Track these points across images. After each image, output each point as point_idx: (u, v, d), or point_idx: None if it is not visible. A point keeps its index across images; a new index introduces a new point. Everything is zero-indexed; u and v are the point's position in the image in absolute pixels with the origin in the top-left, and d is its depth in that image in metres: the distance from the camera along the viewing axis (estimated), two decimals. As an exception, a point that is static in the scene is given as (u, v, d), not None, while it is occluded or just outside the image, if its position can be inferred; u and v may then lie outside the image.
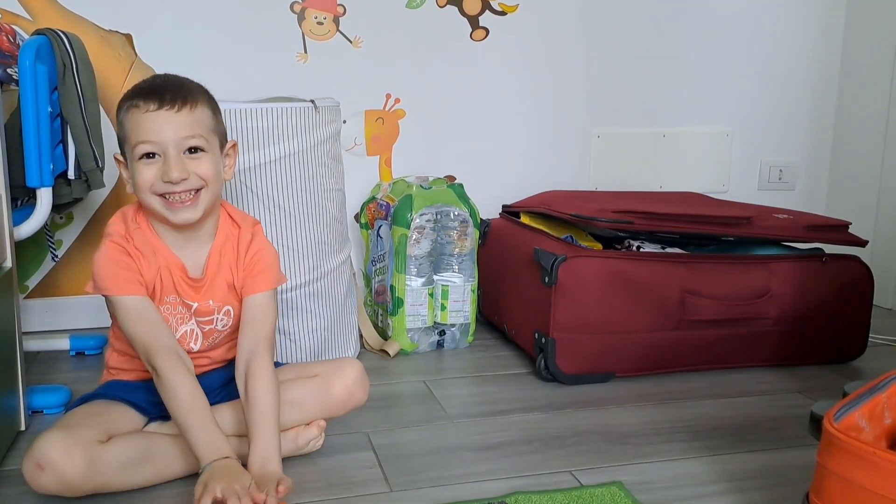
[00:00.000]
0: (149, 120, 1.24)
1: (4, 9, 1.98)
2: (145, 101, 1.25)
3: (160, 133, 1.25)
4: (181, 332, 1.36)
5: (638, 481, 1.30)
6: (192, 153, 1.27)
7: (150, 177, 1.26)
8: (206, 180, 1.28)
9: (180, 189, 1.26)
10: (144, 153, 1.26)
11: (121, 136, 1.31)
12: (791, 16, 2.59)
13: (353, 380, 1.41)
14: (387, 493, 1.28)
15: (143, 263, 1.31)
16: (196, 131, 1.27)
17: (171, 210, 1.28)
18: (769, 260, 1.88)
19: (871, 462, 0.88)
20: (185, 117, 1.26)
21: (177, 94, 1.27)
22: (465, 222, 1.99)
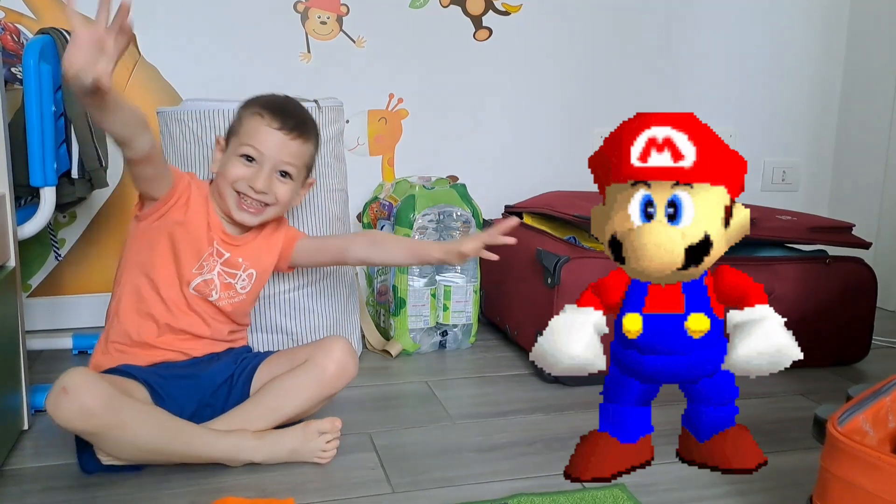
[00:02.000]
0: (265, 133, 1.41)
1: (9, 8, 1.99)
2: (272, 116, 1.42)
3: (269, 149, 1.41)
4: (206, 277, 1.44)
5: (640, 483, 1.30)
6: (282, 176, 1.44)
7: (239, 174, 1.41)
8: (279, 201, 1.44)
9: (256, 197, 1.42)
10: (246, 155, 1.41)
11: (234, 128, 1.47)
12: (795, 16, 2.59)
13: (341, 354, 1.45)
14: (389, 493, 1.28)
15: (193, 196, 1.44)
16: (295, 161, 1.44)
17: (238, 208, 1.43)
18: (772, 262, 1.88)
19: (875, 466, 0.88)
20: (293, 147, 1.44)
21: (298, 125, 1.44)
22: (468, 223, 1.99)
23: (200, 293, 1.44)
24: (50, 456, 1.39)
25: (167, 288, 1.42)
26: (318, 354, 1.45)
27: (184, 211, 1.42)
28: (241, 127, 1.44)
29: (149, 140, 1.27)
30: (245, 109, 1.46)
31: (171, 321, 1.43)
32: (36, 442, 1.45)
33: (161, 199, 1.40)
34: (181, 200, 1.42)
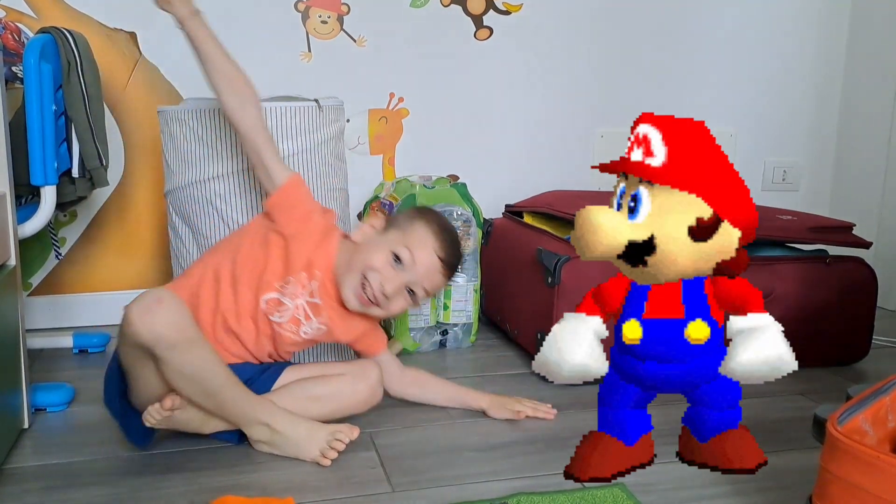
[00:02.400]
0: (428, 253, 1.46)
1: (9, 7, 1.99)
2: (442, 244, 1.47)
3: (421, 267, 1.45)
4: (283, 300, 1.46)
5: (640, 483, 1.30)
6: (409, 293, 1.47)
7: (380, 266, 1.43)
8: (389, 311, 1.47)
9: (377, 295, 1.43)
10: (399, 258, 1.44)
11: (402, 224, 1.50)
12: (795, 16, 2.59)
13: (376, 381, 1.49)
14: (389, 493, 1.28)
15: (314, 230, 1.48)
16: (430, 291, 1.50)
17: (353, 290, 1.44)
18: (772, 261, 1.87)
19: (874, 466, 0.87)
20: (438, 280, 1.49)
21: (454, 266, 1.51)
22: (468, 222, 1.99)
23: (268, 309, 1.45)
24: (50, 455, 1.39)
25: (244, 284, 1.45)
26: (356, 374, 1.48)
27: (300, 226, 1.46)
28: (410, 228, 1.47)
29: (245, 114, 1.45)
30: (422, 218, 1.50)
31: (229, 318, 1.44)
32: (36, 441, 1.45)
33: (278, 204, 1.47)
34: (294, 215, 1.46)
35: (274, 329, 1.46)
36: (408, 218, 1.51)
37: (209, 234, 1.72)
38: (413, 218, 1.50)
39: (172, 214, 1.79)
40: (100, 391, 1.69)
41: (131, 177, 2.14)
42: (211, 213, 1.70)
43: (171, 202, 1.79)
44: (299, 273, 1.45)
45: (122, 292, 2.16)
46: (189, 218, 1.74)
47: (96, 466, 1.36)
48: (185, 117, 1.69)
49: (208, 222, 1.71)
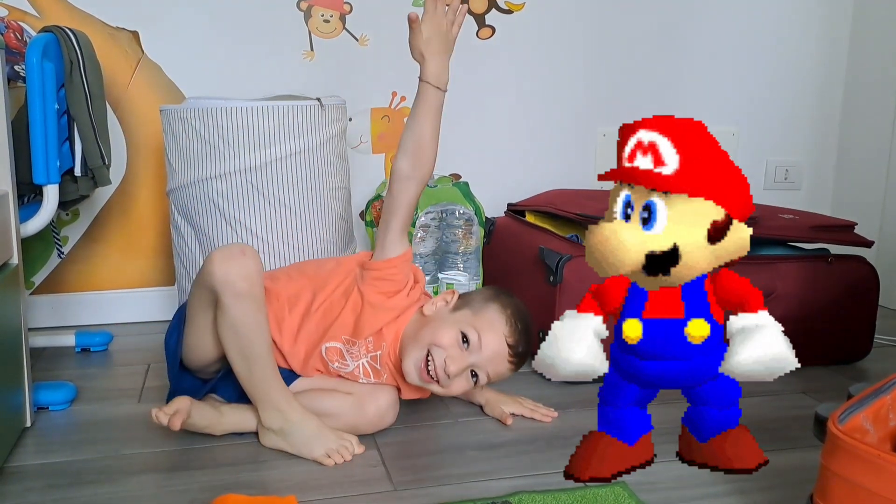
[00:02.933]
0: (497, 339, 1.40)
1: (12, 6, 1.99)
2: (513, 332, 1.41)
3: (488, 351, 1.39)
4: (346, 355, 1.47)
5: (642, 481, 1.30)
6: (473, 376, 1.41)
7: (447, 342, 1.38)
8: (450, 390, 1.41)
9: (439, 372, 1.37)
10: (467, 338, 1.39)
11: (475, 304, 1.44)
12: (797, 15, 2.59)
13: (385, 405, 1.47)
14: (391, 491, 1.28)
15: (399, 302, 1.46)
16: (493, 377, 1.43)
17: (414, 366, 1.39)
18: (774, 260, 1.87)
19: (875, 464, 0.87)
20: (505, 365, 1.42)
21: (523, 355, 1.43)
22: (470, 221, 1.99)
23: (328, 356, 1.46)
24: (52, 453, 1.40)
25: (313, 322, 1.46)
26: (366, 397, 1.47)
27: (383, 300, 1.44)
28: (483, 310, 1.42)
29: (407, 184, 1.44)
30: (497, 300, 1.44)
31: (285, 338, 1.46)
32: (38, 439, 1.45)
33: (376, 272, 1.44)
34: (388, 289, 1.44)
35: (329, 369, 1.48)
36: (482, 299, 1.46)
37: (211, 233, 1.72)
38: (488, 300, 1.45)
39: (175, 213, 1.79)
40: (102, 390, 1.70)
41: (134, 176, 2.15)
42: (213, 212, 1.71)
43: (173, 201, 1.79)
44: (367, 338, 1.45)
45: (124, 291, 2.17)
46: (191, 217, 1.74)
47: (98, 465, 1.36)
48: (187, 116, 1.70)
49: (210, 221, 1.71)
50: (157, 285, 2.20)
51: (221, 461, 1.37)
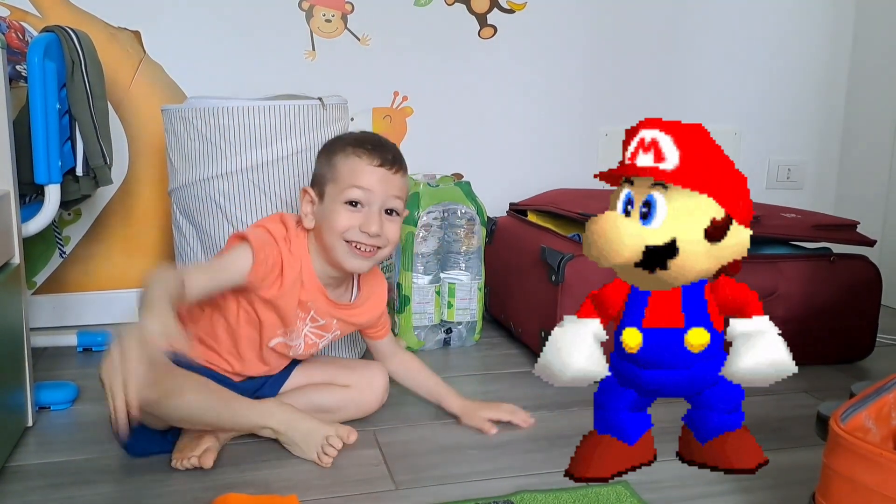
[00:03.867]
0: (368, 173, 1.35)
1: (14, 6, 1.99)
2: (370, 155, 1.36)
3: (374, 187, 1.35)
4: (290, 340, 1.44)
5: (644, 481, 1.30)
6: (389, 214, 1.38)
7: (348, 223, 1.35)
8: (390, 241, 1.39)
9: (370, 242, 1.36)
10: (352, 200, 1.35)
11: (326, 175, 1.39)
12: (800, 13, 2.58)
13: (382, 390, 1.54)
14: (392, 490, 1.28)
15: (288, 265, 1.37)
16: (400, 195, 1.39)
17: (352, 256, 1.37)
18: (777, 259, 1.87)
19: (877, 463, 0.87)
20: (397, 180, 1.39)
21: (397, 158, 1.39)
22: (472, 220, 1.99)
23: (279, 350, 1.45)
24: (54, 453, 1.40)
25: (245, 344, 1.43)
26: (363, 387, 1.52)
27: (276, 287, 1.36)
28: (336, 171, 1.37)
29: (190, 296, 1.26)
30: (335, 153, 1.39)
31: (236, 365, 1.44)
32: (40, 439, 1.45)
33: (249, 281, 1.34)
34: (271, 278, 1.36)
35: (291, 353, 1.47)
36: (326, 163, 1.40)
37: (213, 233, 1.72)
38: (329, 158, 1.40)
39: (176, 213, 1.79)
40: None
41: (135, 175, 2.15)
42: (215, 212, 1.71)
43: (175, 201, 1.79)
44: (296, 318, 1.41)
45: (126, 291, 2.17)
46: (193, 216, 1.74)
47: (100, 464, 1.36)
48: (188, 116, 1.69)
49: (212, 221, 1.71)
50: (159, 285, 2.20)
51: (223, 461, 1.36)
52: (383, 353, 1.58)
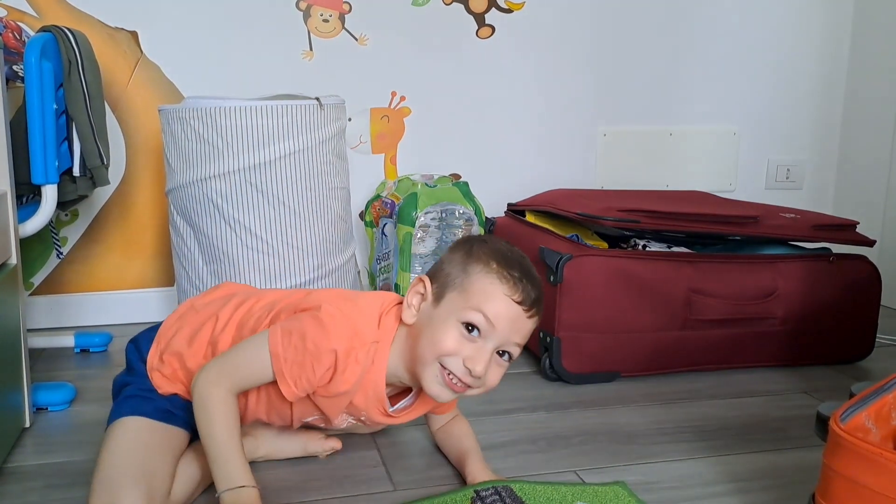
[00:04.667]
0: (503, 304, 1.11)
1: (10, 6, 1.99)
2: (514, 286, 1.11)
3: (503, 328, 1.11)
4: (341, 418, 1.26)
5: (643, 481, 1.30)
6: (501, 356, 1.15)
7: (455, 348, 1.11)
8: (486, 387, 1.16)
9: (466, 380, 1.13)
10: (473, 324, 1.11)
11: (454, 279, 1.14)
12: (799, 13, 2.58)
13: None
14: (391, 491, 1.28)
15: (346, 375, 1.15)
16: (523, 342, 1.15)
17: (440, 384, 1.14)
18: (776, 259, 1.87)
19: (877, 463, 0.87)
20: (528, 325, 1.14)
21: (538, 301, 1.14)
22: (471, 221, 1.98)
23: (308, 424, 1.30)
24: (51, 454, 1.39)
25: (273, 414, 1.26)
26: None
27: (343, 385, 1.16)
28: (467, 282, 1.13)
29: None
30: (474, 260, 1.14)
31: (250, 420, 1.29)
32: (37, 440, 1.45)
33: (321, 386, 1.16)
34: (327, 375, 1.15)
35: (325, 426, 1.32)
36: (460, 267, 1.15)
37: (210, 233, 1.72)
38: (466, 263, 1.14)
39: (174, 213, 1.79)
40: (101, 391, 1.69)
41: (132, 176, 2.14)
42: (212, 212, 1.70)
43: (172, 201, 1.79)
44: (339, 416, 1.25)
45: (123, 292, 2.17)
46: (190, 217, 1.74)
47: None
48: (186, 116, 1.69)
49: (209, 221, 1.71)
50: (157, 286, 2.20)
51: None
52: (437, 425, 1.39)
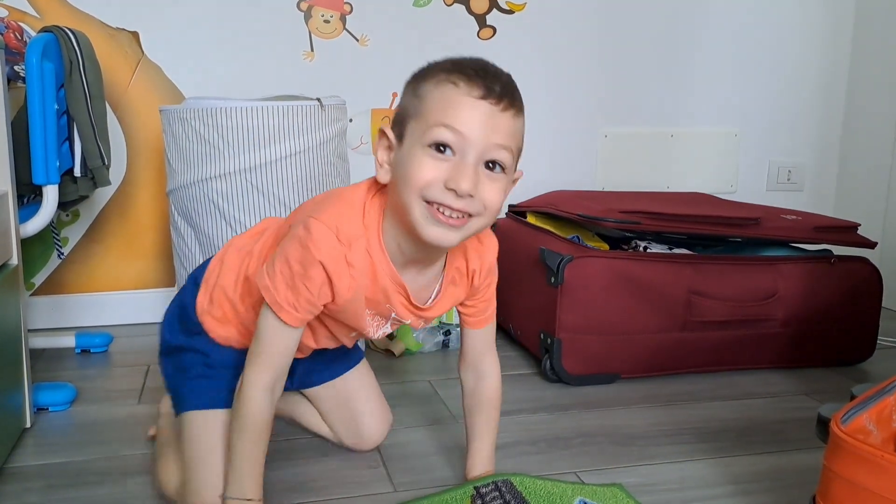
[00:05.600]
0: (465, 108, 0.98)
1: (12, 6, 1.99)
2: (470, 83, 0.99)
3: (473, 128, 0.97)
4: (370, 324, 1.16)
5: (643, 483, 1.30)
6: (491, 169, 1.00)
7: (431, 175, 0.98)
8: (487, 208, 1.01)
9: (457, 206, 0.98)
10: (439, 142, 0.98)
11: (409, 109, 1.02)
12: (800, 16, 2.58)
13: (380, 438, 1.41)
14: (391, 492, 1.28)
15: (343, 282, 1.06)
16: (508, 143, 1.00)
17: (432, 222, 0.99)
18: (777, 261, 1.87)
19: (878, 465, 0.87)
20: (506, 122, 1.00)
21: (508, 90, 1.02)
22: (472, 222, 1.98)
23: (363, 330, 1.19)
24: (52, 454, 1.39)
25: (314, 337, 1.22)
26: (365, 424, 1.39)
27: (339, 304, 1.09)
28: (422, 104, 1.00)
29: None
30: (425, 79, 1.03)
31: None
32: (38, 440, 1.45)
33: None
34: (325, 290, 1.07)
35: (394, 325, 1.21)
36: (411, 93, 1.04)
37: (211, 234, 1.71)
38: (416, 87, 1.04)
39: (175, 214, 1.79)
40: (102, 391, 1.70)
41: (133, 176, 2.14)
42: (213, 213, 1.70)
43: (173, 201, 1.79)
44: (367, 324, 1.16)
45: (124, 292, 2.17)
46: (191, 217, 1.74)
47: (98, 466, 1.35)
48: (187, 117, 1.69)
49: (210, 222, 1.71)
50: (157, 286, 2.20)
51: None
52: (468, 352, 1.26)
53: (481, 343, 1.26)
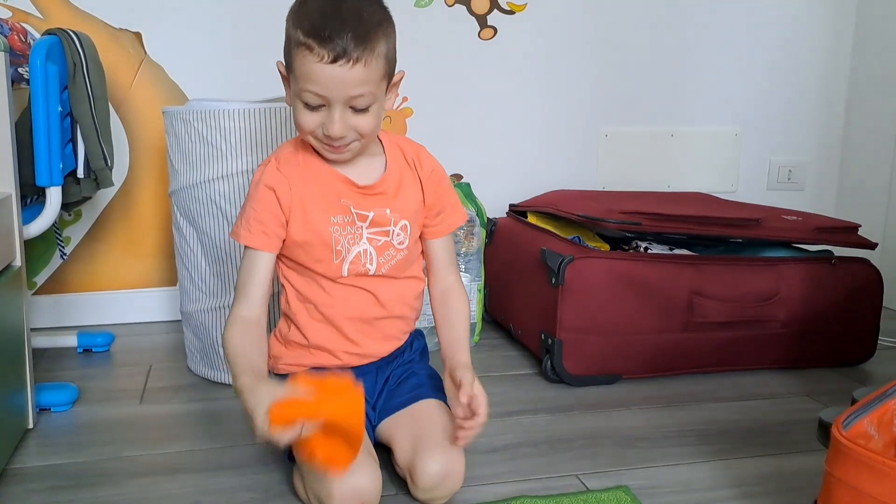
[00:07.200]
0: (320, 73, 1.13)
1: (16, 8, 1.99)
2: (321, 46, 1.13)
3: (333, 89, 1.14)
4: (354, 252, 1.27)
5: (645, 485, 1.30)
6: (356, 109, 1.17)
7: (310, 125, 1.18)
8: (364, 135, 1.20)
9: (337, 144, 1.19)
10: (308, 103, 1.17)
11: (288, 58, 1.22)
12: (801, 15, 2.58)
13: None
14: (392, 495, 1.28)
15: (283, 187, 1.23)
16: (367, 89, 1.16)
17: (326, 150, 1.22)
18: (778, 262, 1.87)
19: (879, 471, 0.87)
20: (357, 74, 1.13)
21: (358, 41, 1.13)
22: (472, 222, 1.98)
23: (357, 273, 1.28)
24: (54, 455, 1.40)
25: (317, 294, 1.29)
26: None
27: (300, 223, 1.25)
28: (292, 62, 1.20)
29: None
30: (290, 37, 1.21)
31: (332, 315, 1.30)
32: (41, 441, 1.45)
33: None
34: (286, 216, 1.26)
35: (381, 276, 1.30)
36: (287, 42, 1.24)
37: (213, 235, 1.72)
38: (288, 41, 1.23)
39: (177, 214, 1.79)
40: (104, 391, 1.70)
41: (136, 177, 2.15)
42: (215, 214, 1.70)
43: (175, 202, 1.79)
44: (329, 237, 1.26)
45: (126, 292, 2.17)
46: (193, 218, 1.74)
47: (100, 467, 1.36)
48: (189, 118, 1.69)
49: (212, 222, 1.71)
50: (160, 286, 2.20)
51: (224, 464, 1.37)
52: (434, 269, 1.40)
53: (446, 254, 1.40)
